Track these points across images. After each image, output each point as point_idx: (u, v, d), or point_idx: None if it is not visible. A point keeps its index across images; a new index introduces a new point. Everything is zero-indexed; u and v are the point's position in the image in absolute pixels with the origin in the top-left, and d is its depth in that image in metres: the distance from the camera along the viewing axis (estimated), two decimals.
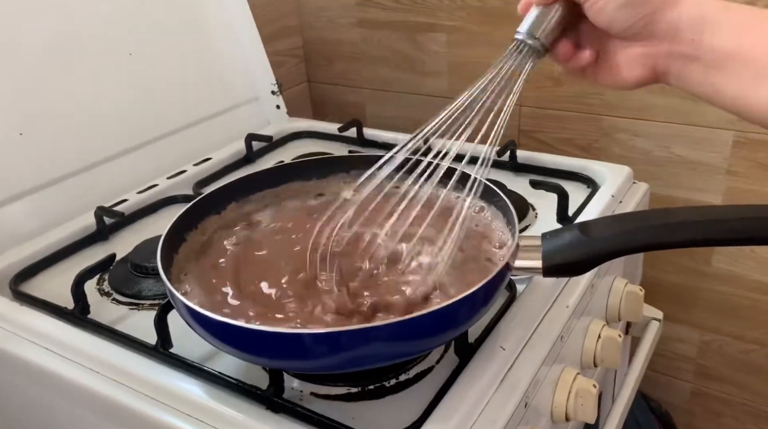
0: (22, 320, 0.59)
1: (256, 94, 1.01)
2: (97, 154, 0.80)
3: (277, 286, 0.50)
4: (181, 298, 0.45)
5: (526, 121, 1.06)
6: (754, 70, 0.41)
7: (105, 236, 0.73)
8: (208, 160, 0.88)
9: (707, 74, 0.43)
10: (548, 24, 0.48)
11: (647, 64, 0.46)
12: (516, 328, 0.54)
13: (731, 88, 0.42)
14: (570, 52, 0.49)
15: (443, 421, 0.45)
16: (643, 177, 0.82)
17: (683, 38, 0.43)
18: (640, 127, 0.97)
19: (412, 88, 1.15)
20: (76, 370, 0.54)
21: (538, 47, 0.48)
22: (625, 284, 0.72)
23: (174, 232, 0.54)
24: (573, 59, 0.49)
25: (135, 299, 0.62)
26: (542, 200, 0.75)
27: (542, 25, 0.48)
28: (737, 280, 0.98)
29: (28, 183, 0.73)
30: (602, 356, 0.64)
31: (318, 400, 0.50)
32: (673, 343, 1.08)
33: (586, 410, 0.56)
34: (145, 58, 0.86)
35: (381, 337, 0.43)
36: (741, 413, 1.07)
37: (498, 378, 0.50)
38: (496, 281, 0.46)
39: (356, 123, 0.94)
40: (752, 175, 0.92)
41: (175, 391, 0.50)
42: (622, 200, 0.75)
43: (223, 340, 0.45)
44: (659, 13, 0.44)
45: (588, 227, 0.49)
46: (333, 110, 1.26)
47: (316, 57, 1.24)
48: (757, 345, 1.01)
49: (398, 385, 0.51)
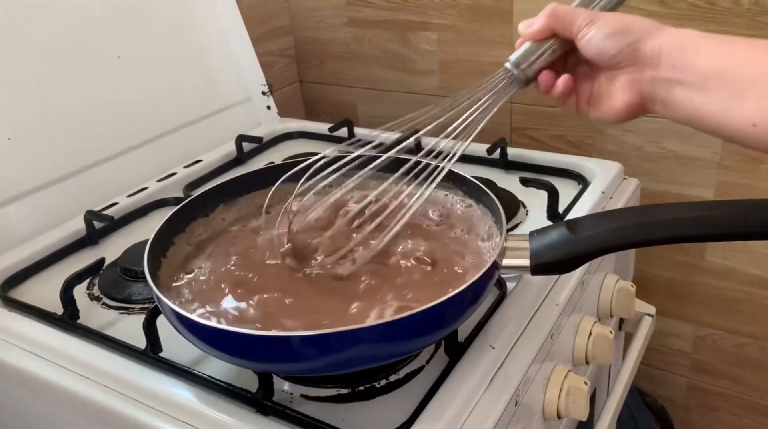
0: (11, 326, 0.59)
1: (247, 95, 1.01)
2: (86, 157, 0.79)
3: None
4: (167, 303, 0.45)
5: (518, 118, 1.06)
6: (733, 89, 0.43)
7: (95, 240, 0.73)
8: (199, 162, 0.88)
9: (689, 96, 0.45)
10: (536, 58, 0.51)
11: (633, 89, 0.48)
12: (506, 326, 0.54)
13: (713, 108, 0.44)
14: (551, 81, 0.51)
15: (433, 420, 0.45)
16: (635, 173, 0.82)
17: (665, 64, 0.46)
18: (631, 123, 0.97)
19: (403, 86, 1.15)
20: (66, 376, 0.54)
21: (521, 78, 0.52)
22: (616, 280, 0.72)
23: (161, 235, 0.53)
24: (553, 88, 0.52)
25: (125, 303, 0.62)
26: (533, 198, 0.74)
27: (530, 58, 0.51)
28: (731, 274, 0.98)
29: (16, 188, 0.72)
30: (594, 353, 0.64)
31: (308, 402, 0.50)
32: (668, 338, 1.08)
33: (577, 408, 0.56)
34: (134, 60, 0.86)
35: (370, 338, 0.43)
36: (737, 407, 1.07)
37: (488, 377, 0.50)
38: (483, 280, 0.46)
39: (347, 123, 0.94)
40: (744, 169, 0.92)
41: (164, 395, 0.50)
42: (612, 196, 0.76)
43: (211, 344, 0.45)
44: (642, 41, 0.46)
45: (576, 225, 0.49)
46: (325, 110, 1.26)
47: (307, 57, 1.24)
48: (751, 338, 1.01)
49: (388, 385, 0.51)
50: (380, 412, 0.49)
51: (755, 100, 0.42)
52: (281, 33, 1.20)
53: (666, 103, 0.47)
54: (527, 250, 0.49)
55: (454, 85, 1.10)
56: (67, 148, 0.78)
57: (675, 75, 0.45)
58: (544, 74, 0.51)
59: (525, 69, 0.51)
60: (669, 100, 0.46)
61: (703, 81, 0.44)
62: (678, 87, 0.45)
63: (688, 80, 0.45)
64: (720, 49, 0.44)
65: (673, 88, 0.46)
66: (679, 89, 0.45)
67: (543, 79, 0.51)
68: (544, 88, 0.52)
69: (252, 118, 1.01)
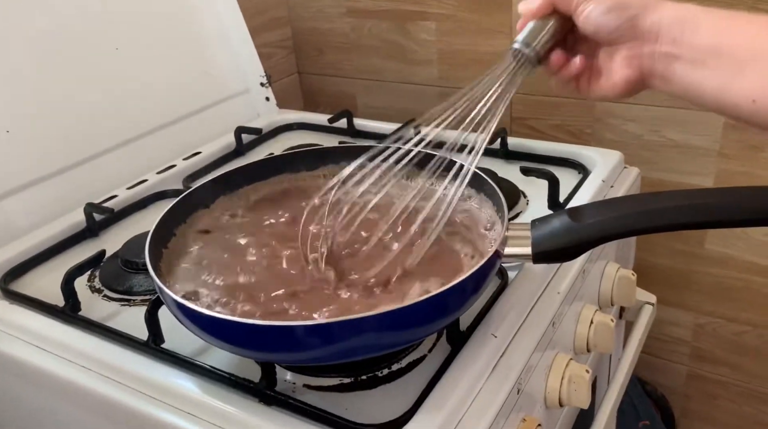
0: (12, 319, 0.59)
1: (246, 87, 1.00)
2: (85, 150, 0.79)
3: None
4: (169, 293, 0.45)
5: (518, 108, 1.06)
6: (733, 64, 0.42)
7: (95, 233, 0.73)
8: (198, 154, 0.88)
9: (689, 72, 0.45)
10: (544, 35, 0.50)
11: (633, 64, 0.48)
12: (507, 315, 0.54)
13: (712, 83, 0.44)
14: (562, 60, 0.51)
15: (436, 409, 0.45)
16: (636, 162, 0.82)
17: (665, 38, 0.45)
18: (631, 111, 0.97)
19: (402, 77, 1.15)
20: (68, 368, 0.54)
21: (532, 56, 0.50)
22: (617, 269, 0.72)
23: (162, 227, 0.53)
24: (565, 67, 0.51)
25: (126, 295, 0.62)
26: (534, 187, 0.74)
27: (538, 36, 0.50)
28: (730, 262, 0.98)
29: (16, 181, 0.72)
30: (595, 341, 0.64)
31: (311, 391, 0.50)
32: (668, 326, 1.08)
33: (579, 395, 0.57)
34: (131, 52, 0.86)
35: (372, 328, 0.43)
36: (736, 395, 1.08)
37: (490, 365, 0.50)
38: (485, 269, 0.46)
39: (347, 114, 0.94)
40: (744, 157, 0.92)
41: (167, 386, 0.50)
42: (613, 185, 0.75)
43: (213, 335, 0.45)
44: (641, 16, 0.46)
45: (577, 213, 0.49)
46: (324, 101, 1.26)
47: (305, 48, 1.23)
48: (750, 326, 1.01)
49: (391, 374, 0.51)
50: (383, 401, 0.49)
51: (755, 76, 0.41)
52: (279, 24, 1.20)
53: (665, 77, 0.46)
54: (529, 238, 0.49)
55: (453, 76, 1.09)
56: (66, 140, 0.78)
57: (674, 50, 0.45)
58: (556, 54, 0.50)
59: (536, 47, 0.50)
60: (668, 75, 0.46)
61: (703, 56, 0.44)
62: (677, 62, 0.45)
63: (688, 55, 0.44)
64: (720, 23, 0.44)
65: (672, 63, 0.45)
66: (679, 64, 0.45)
67: (555, 58, 0.50)
68: (555, 68, 0.51)
69: (251, 110, 1.00)
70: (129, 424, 0.52)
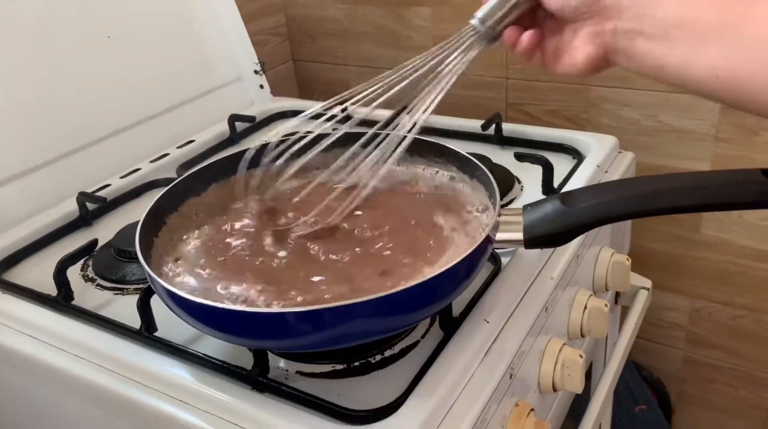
0: (6, 308, 0.59)
1: (239, 75, 1.00)
2: (78, 139, 0.79)
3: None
4: (160, 282, 0.44)
5: (513, 93, 1.05)
6: (695, 38, 0.42)
7: (88, 222, 0.73)
8: (192, 142, 0.87)
9: (652, 47, 0.44)
10: (502, 12, 0.49)
11: (596, 42, 0.47)
12: (500, 300, 0.54)
13: (675, 58, 0.43)
14: (515, 36, 0.50)
15: (428, 394, 0.45)
16: (631, 147, 0.82)
17: (627, 13, 0.44)
18: (627, 96, 0.97)
19: (397, 63, 1.13)
20: (61, 357, 0.54)
21: (488, 33, 0.50)
22: (611, 254, 0.72)
23: (153, 215, 0.53)
24: (518, 43, 0.50)
25: (119, 284, 0.62)
26: (528, 173, 0.74)
27: (497, 14, 0.50)
28: (726, 247, 0.98)
29: (8, 170, 0.72)
30: (589, 326, 0.64)
31: (303, 378, 0.50)
32: (664, 311, 1.08)
33: (573, 380, 0.57)
34: (124, 40, 0.85)
35: (364, 313, 0.43)
36: (732, 378, 1.08)
37: (483, 350, 0.50)
38: (477, 254, 0.46)
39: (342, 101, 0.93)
40: (740, 141, 0.91)
41: (160, 374, 0.50)
42: (607, 170, 0.75)
43: (204, 322, 0.45)
44: None
45: (569, 197, 0.48)
46: (319, 88, 1.25)
47: (299, 35, 1.23)
48: (746, 310, 1.02)
49: (384, 360, 0.51)
50: (376, 387, 0.49)
51: (717, 51, 0.41)
52: (273, 10, 1.19)
53: (628, 54, 0.46)
54: (520, 224, 0.49)
55: None
56: (58, 129, 0.77)
57: (637, 25, 0.44)
58: (509, 30, 0.50)
59: (492, 25, 0.50)
60: (631, 52, 0.45)
61: (665, 31, 0.43)
62: (640, 38, 0.44)
63: (650, 30, 0.44)
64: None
65: (634, 39, 0.45)
66: (641, 40, 0.44)
67: (508, 35, 0.50)
68: (510, 44, 0.51)
69: (245, 98, 1.00)
70: (122, 413, 0.52)
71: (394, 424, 0.44)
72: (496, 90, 1.06)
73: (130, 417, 0.51)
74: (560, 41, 0.50)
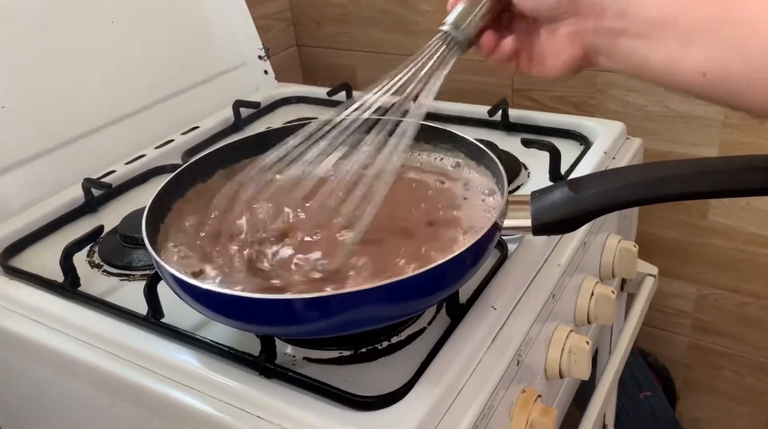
0: (12, 294, 0.59)
1: (243, 60, 0.99)
2: (82, 125, 0.78)
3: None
4: (166, 268, 0.44)
5: (519, 79, 1.04)
6: (680, 36, 0.40)
7: (93, 208, 0.73)
8: (196, 128, 0.87)
9: (635, 46, 0.42)
10: (474, 16, 0.47)
11: (576, 42, 0.45)
12: (507, 287, 0.54)
13: (659, 57, 0.41)
14: (493, 42, 0.48)
15: (435, 381, 0.45)
16: (638, 133, 0.81)
17: (608, 13, 0.43)
18: (634, 82, 0.96)
19: (403, 48, 1.13)
20: (68, 343, 0.54)
21: (462, 39, 0.47)
22: (618, 241, 0.71)
23: (159, 201, 0.53)
24: (496, 50, 0.48)
25: (125, 270, 0.62)
26: (535, 159, 0.74)
27: (468, 18, 0.47)
28: (733, 233, 0.98)
29: (13, 156, 0.72)
30: (596, 313, 0.64)
31: (310, 364, 0.50)
32: (670, 298, 1.08)
33: (579, 367, 0.57)
34: (127, 25, 0.84)
35: (371, 300, 0.43)
36: (738, 365, 1.08)
37: (490, 337, 0.50)
38: (484, 241, 0.46)
39: (345, 86, 0.93)
40: (749, 127, 0.91)
41: (167, 360, 0.51)
42: (615, 156, 0.75)
43: (211, 309, 0.45)
44: None
45: (578, 184, 0.48)
46: (323, 74, 1.24)
47: (304, 20, 1.22)
48: (753, 297, 1.01)
49: (390, 347, 0.51)
50: (382, 373, 0.49)
51: (703, 48, 0.39)
52: None
53: (610, 54, 0.44)
54: (528, 210, 0.49)
55: None
56: (62, 116, 0.77)
57: (619, 23, 0.42)
58: (487, 35, 0.48)
59: (465, 29, 0.47)
60: (613, 51, 0.44)
61: (649, 29, 0.41)
62: (622, 37, 0.42)
63: (633, 29, 0.42)
64: None
65: (617, 38, 0.43)
66: (624, 39, 0.42)
67: (486, 40, 0.48)
68: (487, 51, 0.48)
69: (249, 84, 0.99)
70: (129, 399, 0.52)
71: (402, 411, 0.44)
72: (501, 76, 1.05)
73: (137, 402, 0.51)
74: (536, 44, 0.47)
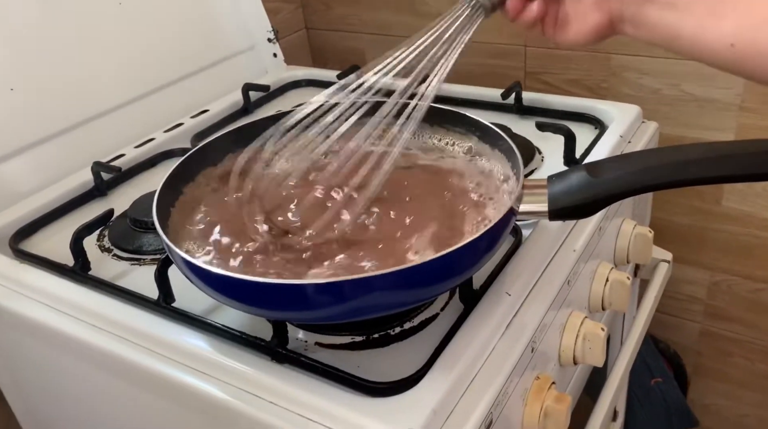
0: (23, 278, 0.59)
1: (252, 43, 0.98)
2: (92, 108, 0.78)
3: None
4: (178, 252, 0.44)
5: (532, 62, 1.03)
6: (709, 5, 0.39)
7: (103, 192, 0.72)
8: (206, 111, 0.86)
9: (662, 15, 0.41)
10: None
11: (602, 8, 0.44)
12: (522, 273, 0.54)
13: (688, 26, 0.40)
14: (519, 6, 0.47)
15: (449, 367, 0.45)
16: (653, 116, 0.80)
17: None
18: (648, 65, 0.94)
19: (412, 31, 1.10)
20: (79, 327, 0.54)
21: (487, 2, 0.47)
22: (633, 226, 0.71)
23: (169, 185, 0.52)
24: (523, 13, 0.47)
25: (136, 254, 0.62)
26: (549, 143, 0.73)
27: None
28: (747, 219, 0.97)
29: (22, 140, 0.71)
30: (610, 299, 0.63)
31: (323, 349, 0.50)
32: (683, 284, 1.07)
33: (594, 353, 0.56)
34: (136, 7, 0.83)
35: (384, 286, 0.42)
36: (750, 351, 1.07)
37: (504, 324, 0.50)
38: (500, 227, 0.45)
39: (355, 69, 0.91)
40: (766, 111, 0.89)
41: (178, 344, 0.50)
42: (630, 140, 0.73)
43: (223, 293, 0.44)
44: None
45: (595, 168, 0.47)
46: (333, 57, 1.23)
47: (313, 2, 1.20)
48: (766, 284, 1.00)
49: (403, 333, 0.51)
50: (395, 359, 0.48)
51: (733, 17, 0.38)
52: None
53: (636, 22, 0.43)
54: (545, 195, 0.48)
55: None
56: (71, 99, 0.76)
57: None
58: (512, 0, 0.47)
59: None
60: (640, 20, 0.43)
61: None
62: (649, 4, 0.42)
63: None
64: None
65: (644, 6, 0.42)
66: (651, 7, 0.42)
67: (512, 3, 0.47)
68: (513, 14, 0.48)
69: (258, 66, 0.98)
70: (139, 383, 0.52)
71: (415, 397, 0.43)
72: (514, 58, 1.03)
73: (149, 387, 0.51)
74: (561, 9, 0.47)
